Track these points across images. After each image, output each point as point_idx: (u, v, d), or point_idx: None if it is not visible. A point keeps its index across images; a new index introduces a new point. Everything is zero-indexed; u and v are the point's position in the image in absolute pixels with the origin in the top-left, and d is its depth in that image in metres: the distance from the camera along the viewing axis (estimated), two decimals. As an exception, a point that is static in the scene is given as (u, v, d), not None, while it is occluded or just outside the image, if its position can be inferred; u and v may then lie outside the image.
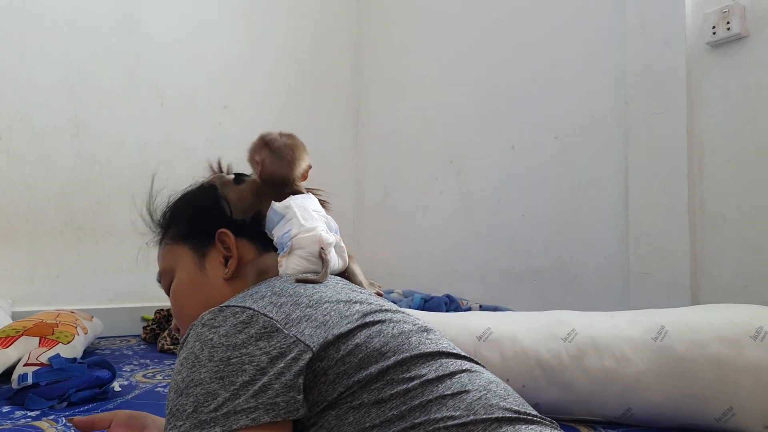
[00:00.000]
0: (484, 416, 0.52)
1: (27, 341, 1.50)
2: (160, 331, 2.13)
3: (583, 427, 1.18)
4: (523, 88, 2.20)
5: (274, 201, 0.73)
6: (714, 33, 1.60)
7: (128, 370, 1.68)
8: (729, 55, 1.60)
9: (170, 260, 0.80)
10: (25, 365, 1.38)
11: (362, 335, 0.56)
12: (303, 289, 0.60)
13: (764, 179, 1.53)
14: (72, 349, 1.55)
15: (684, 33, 1.67)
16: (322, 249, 0.69)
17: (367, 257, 2.80)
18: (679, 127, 1.67)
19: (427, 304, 2.03)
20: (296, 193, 0.75)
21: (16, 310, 2.07)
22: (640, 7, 1.78)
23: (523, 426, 0.53)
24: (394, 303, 2.14)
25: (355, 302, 0.61)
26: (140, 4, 2.45)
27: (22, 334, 1.51)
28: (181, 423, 0.49)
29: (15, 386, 1.33)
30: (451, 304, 2.07)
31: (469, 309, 2.07)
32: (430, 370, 0.55)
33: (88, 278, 2.29)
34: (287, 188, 0.75)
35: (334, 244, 0.71)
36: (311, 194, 0.77)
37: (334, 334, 0.54)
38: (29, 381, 1.30)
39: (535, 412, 0.58)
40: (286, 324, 0.54)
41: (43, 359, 1.40)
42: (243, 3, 2.73)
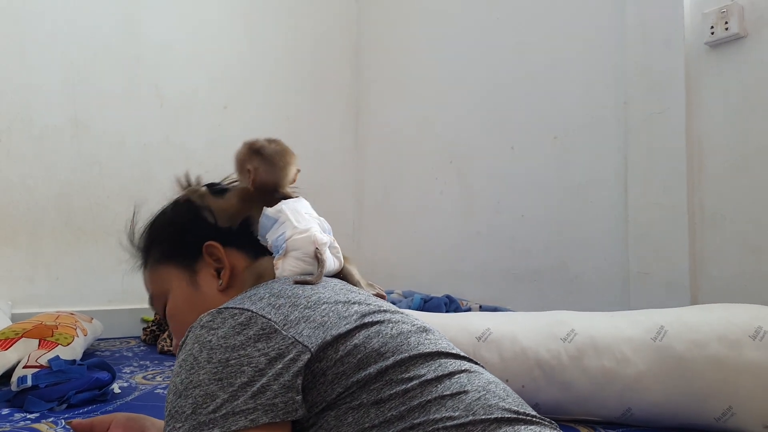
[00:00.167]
0: (483, 417, 0.52)
1: (26, 343, 1.50)
2: (160, 332, 2.13)
3: (583, 428, 1.18)
4: (523, 88, 2.20)
5: (266, 207, 0.73)
6: (712, 33, 1.60)
7: (128, 371, 1.68)
8: (727, 55, 1.60)
9: (160, 283, 0.79)
10: (24, 367, 1.38)
11: (361, 336, 0.56)
12: (301, 291, 0.60)
13: (763, 179, 1.53)
14: (71, 351, 1.55)
15: (683, 33, 1.67)
16: (318, 249, 0.69)
17: (367, 257, 2.80)
18: (679, 127, 1.67)
19: (427, 305, 2.03)
20: (287, 197, 0.75)
21: (15, 311, 2.07)
22: (639, 8, 1.79)
23: (522, 426, 0.53)
24: (393, 303, 2.14)
25: (354, 303, 0.61)
26: (140, 4, 2.45)
27: (21, 336, 1.51)
28: (180, 425, 0.50)
29: (14, 388, 1.32)
30: (450, 305, 2.07)
31: (469, 309, 2.07)
32: (429, 371, 0.55)
33: (87, 279, 2.28)
34: (278, 193, 0.76)
35: (329, 245, 0.71)
36: (302, 197, 0.77)
37: (333, 334, 0.54)
38: (29, 383, 1.30)
39: (534, 413, 0.58)
40: (284, 325, 0.54)
41: (43, 361, 1.40)
42: (243, 3, 2.73)
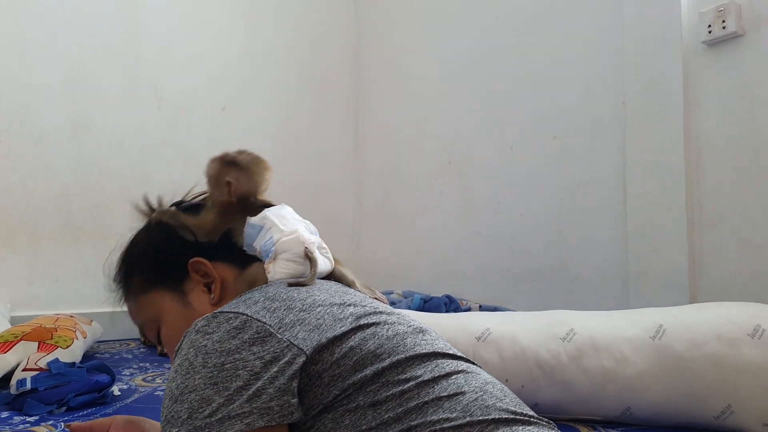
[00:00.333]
0: (480, 417, 0.52)
1: (26, 346, 1.50)
2: (159, 333, 2.13)
3: (583, 427, 1.18)
4: (522, 89, 2.20)
5: (249, 216, 0.73)
6: (710, 32, 1.60)
7: (128, 374, 1.68)
8: (725, 53, 1.60)
9: (149, 311, 0.77)
10: (23, 370, 1.38)
11: (356, 338, 0.56)
12: (296, 294, 0.60)
13: (761, 178, 1.53)
14: (71, 354, 1.55)
15: (680, 32, 1.67)
16: (307, 248, 0.69)
17: (367, 257, 2.80)
18: (677, 126, 1.67)
19: (427, 305, 2.03)
20: (268, 205, 0.75)
21: (14, 314, 2.07)
22: (636, 7, 1.79)
23: (520, 427, 0.53)
24: (393, 304, 2.14)
25: (349, 305, 0.61)
26: (139, 5, 2.45)
27: (20, 339, 1.51)
28: (176, 429, 0.50)
29: (14, 391, 1.32)
30: (450, 305, 2.06)
31: (469, 309, 2.07)
32: (425, 371, 0.55)
33: (87, 281, 2.28)
34: (258, 202, 0.76)
35: (317, 245, 0.72)
36: (284, 204, 0.77)
37: (328, 337, 0.55)
38: (28, 386, 1.30)
39: (532, 413, 0.58)
40: (279, 328, 0.54)
41: (42, 364, 1.39)
42: (242, 4, 2.73)
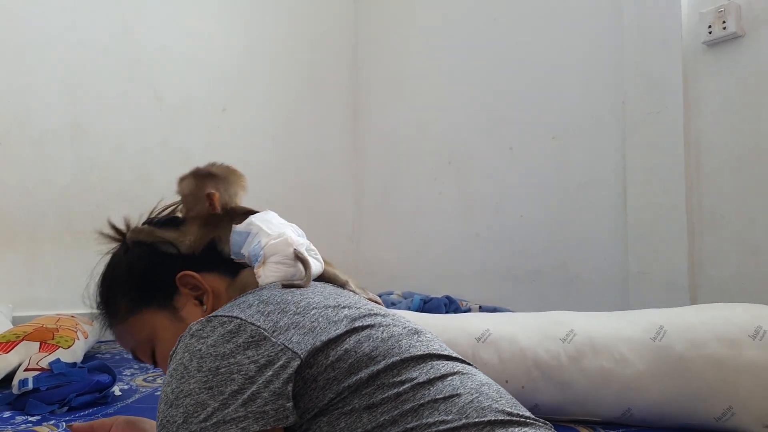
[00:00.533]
0: (476, 419, 0.52)
1: (27, 346, 1.50)
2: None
3: (583, 428, 1.18)
4: (521, 89, 2.20)
5: (233, 224, 0.73)
6: (710, 32, 1.60)
7: (128, 374, 1.68)
8: (725, 54, 1.60)
9: (140, 332, 0.76)
10: (25, 370, 1.38)
11: (351, 340, 0.56)
12: (290, 296, 0.60)
13: (761, 178, 1.54)
14: (72, 354, 1.55)
15: (680, 33, 1.67)
16: (296, 249, 0.69)
17: (367, 258, 2.81)
18: (677, 127, 1.68)
19: (427, 306, 2.03)
20: (252, 212, 0.75)
21: (16, 314, 2.07)
22: (636, 8, 1.79)
23: (517, 428, 0.53)
24: (393, 304, 2.14)
25: (344, 307, 0.60)
26: (138, 7, 2.45)
27: (22, 339, 1.51)
28: None
29: (15, 391, 1.33)
30: (450, 305, 2.07)
31: (469, 310, 2.07)
32: (421, 373, 0.55)
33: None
34: (240, 209, 0.76)
35: (306, 247, 0.71)
36: (268, 210, 0.76)
37: (323, 340, 0.54)
38: (30, 386, 1.30)
39: (529, 414, 0.58)
40: (273, 332, 0.54)
41: (44, 364, 1.40)
42: (241, 5, 2.73)
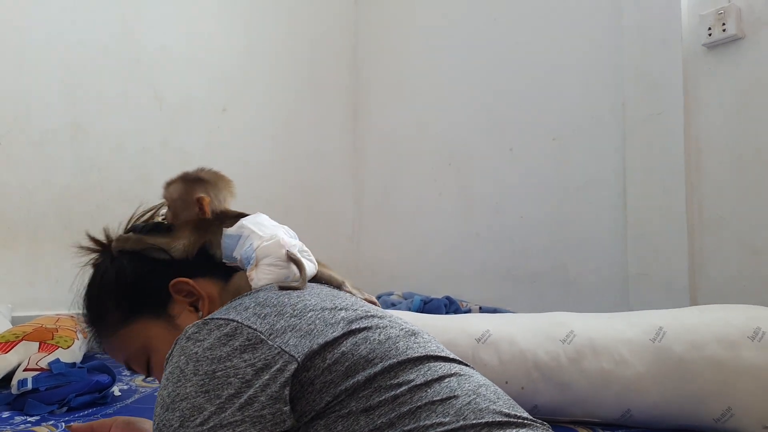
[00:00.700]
0: (474, 421, 0.52)
1: (27, 346, 1.50)
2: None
3: (582, 429, 1.18)
4: (521, 90, 2.20)
5: (224, 228, 0.73)
6: (710, 34, 1.60)
7: (128, 374, 1.68)
8: (725, 56, 1.60)
9: (134, 342, 0.74)
10: (24, 370, 1.38)
11: (348, 343, 0.55)
12: (287, 299, 0.60)
13: (761, 180, 1.54)
14: (72, 354, 1.55)
15: (680, 34, 1.67)
16: (289, 251, 0.68)
17: (367, 258, 2.80)
18: (677, 129, 1.68)
19: (427, 306, 2.03)
20: (242, 215, 0.75)
21: (15, 314, 2.07)
22: (636, 9, 1.79)
23: (514, 429, 0.53)
24: (393, 305, 2.14)
25: (341, 309, 0.60)
26: (138, 7, 2.45)
27: (21, 339, 1.51)
28: None
29: (15, 391, 1.33)
30: (450, 306, 2.07)
31: (469, 311, 2.07)
32: (418, 375, 0.55)
33: (87, 282, 2.28)
34: (230, 212, 0.76)
35: (299, 249, 0.71)
36: (259, 212, 0.76)
37: (319, 343, 0.54)
38: (29, 386, 1.30)
39: (526, 415, 0.58)
40: (270, 335, 0.54)
41: (43, 364, 1.40)
42: (241, 5, 2.74)
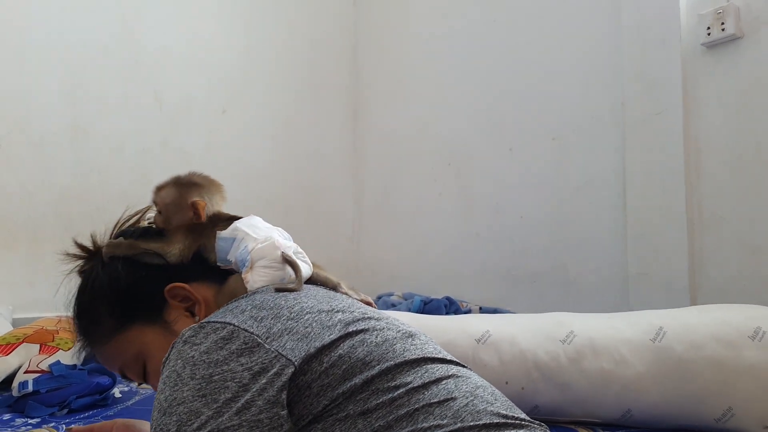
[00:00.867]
0: (471, 423, 0.52)
1: (27, 348, 1.50)
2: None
3: (583, 429, 1.18)
4: (521, 90, 2.20)
5: (218, 231, 0.73)
6: (709, 34, 1.60)
7: (129, 375, 1.68)
8: (724, 55, 1.60)
9: (129, 349, 0.73)
10: (25, 372, 1.38)
11: (345, 346, 0.55)
12: (284, 301, 0.59)
13: (761, 179, 1.54)
14: (72, 356, 1.55)
15: (679, 34, 1.67)
16: (284, 253, 0.68)
17: (367, 259, 2.80)
18: (676, 128, 1.67)
19: (427, 307, 2.03)
20: (236, 218, 0.75)
21: (16, 316, 2.07)
22: (635, 9, 1.79)
23: (511, 431, 0.53)
24: (393, 305, 2.13)
25: (337, 311, 0.60)
26: (138, 8, 2.45)
27: (22, 341, 1.51)
28: None
29: (15, 393, 1.32)
30: (450, 306, 2.07)
31: (469, 311, 2.07)
32: (415, 378, 0.55)
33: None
34: (223, 216, 0.76)
35: (294, 250, 0.71)
36: (253, 215, 0.76)
37: (316, 346, 0.54)
38: (30, 388, 1.30)
39: (524, 416, 0.58)
40: (267, 338, 0.54)
41: (44, 366, 1.40)
42: (241, 6, 2.74)
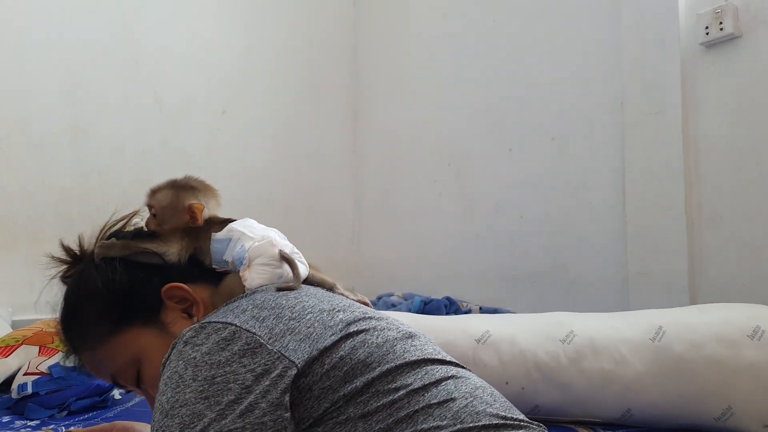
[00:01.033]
0: (470, 424, 0.52)
1: (27, 350, 1.50)
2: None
3: (583, 429, 1.18)
4: (520, 90, 2.20)
5: (213, 233, 0.72)
6: (707, 33, 1.60)
7: (129, 377, 1.68)
8: (722, 55, 1.60)
9: (124, 353, 0.69)
10: (25, 374, 1.38)
11: (346, 347, 0.55)
12: (285, 300, 0.59)
13: (760, 178, 1.54)
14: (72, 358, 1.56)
15: (678, 34, 1.67)
16: (281, 251, 0.68)
17: (367, 259, 2.81)
18: (675, 128, 1.67)
19: (427, 307, 2.03)
20: (228, 220, 0.75)
21: (16, 318, 2.07)
22: (634, 9, 1.79)
23: None
24: (393, 306, 2.13)
25: (338, 310, 0.60)
26: (138, 9, 2.45)
27: (22, 343, 1.51)
28: None
29: (15, 395, 1.33)
30: (451, 307, 2.07)
31: (469, 311, 2.07)
32: (415, 379, 0.55)
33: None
34: (218, 218, 0.77)
35: (290, 250, 0.71)
36: (247, 218, 0.76)
37: (319, 348, 0.54)
38: (29, 390, 1.30)
39: (522, 417, 0.58)
40: (269, 339, 0.53)
41: (43, 368, 1.40)
42: (241, 6, 2.74)
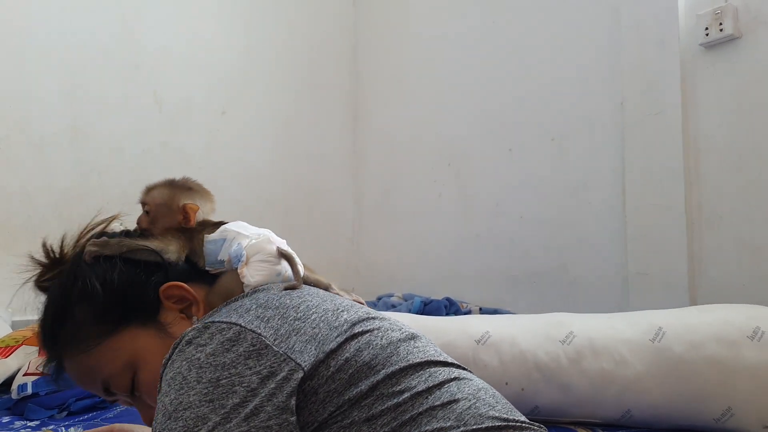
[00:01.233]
0: (474, 426, 0.52)
1: (27, 350, 1.50)
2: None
3: (583, 429, 1.18)
4: (520, 90, 2.20)
5: (206, 234, 0.72)
6: (707, 34, 1.60)
7: (129, 377, 1.68)
8: (722, 55, 1.60)
9: (119, 356, 0.66)
10: (24, 375, 1.38)
11: (351, 348, 0.55)
12: (288, 300, 0.58)
13: (760, 179, 1.54)
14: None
15: (677, 34, 1.67)
16: (279, 247, 0.68)
17: (367, 259, 2.81)
18: (675, 128, 1.68)
19: (427, 307, 2.03)
20: (222, 222, 0.75)
21: (15, 319, 2.07)
22: (634, 10, 1.79)
23: None
24: (393, 306, 2.14)
25: (342, 310, 0.59)
26: (138, 8, 2.45)
27: (22, 344, 1.51)
28: None
29: (15, 396, 1.32)
30: (451, 307, 2.07)
31: (469, 312, 2.07)
32: (419, 382, 0.55)
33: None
34: (208, 221, 0.77)
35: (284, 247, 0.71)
36: (239, 220, 0.75)
37: (325, 351, 0.53)
38: (29, 391, 1.30)
39: (523, 419, 0.58)
40: (275, 340, 0.52)
41: (43, 368, 1.40)
42: (241, 7, 2.74)
